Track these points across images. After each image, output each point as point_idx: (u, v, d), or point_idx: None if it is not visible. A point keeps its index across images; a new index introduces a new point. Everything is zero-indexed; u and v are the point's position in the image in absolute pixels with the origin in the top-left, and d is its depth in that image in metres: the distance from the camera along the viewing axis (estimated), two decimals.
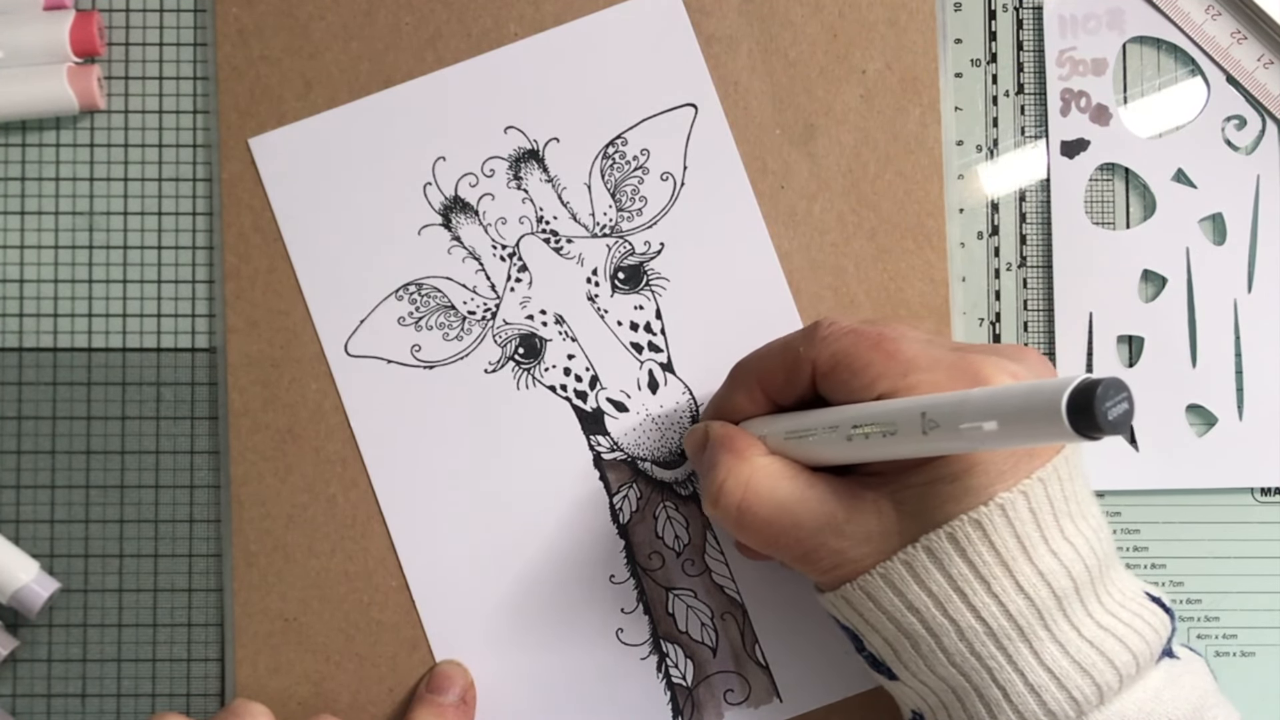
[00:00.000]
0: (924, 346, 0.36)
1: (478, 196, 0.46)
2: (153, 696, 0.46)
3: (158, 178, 0.46)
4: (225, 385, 0.45)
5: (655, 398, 0.45)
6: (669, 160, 0.46)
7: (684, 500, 0.46)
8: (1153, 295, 0.46)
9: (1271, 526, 0.46)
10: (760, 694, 0.45)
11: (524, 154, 0.46)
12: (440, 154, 0.46)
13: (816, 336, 0.38)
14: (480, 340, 0.46)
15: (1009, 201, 0.47)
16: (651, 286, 0.46)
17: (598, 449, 0.46)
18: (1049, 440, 0.30)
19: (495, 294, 0.46)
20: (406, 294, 0.46)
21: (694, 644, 0.45)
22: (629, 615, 0.45)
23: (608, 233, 0.46)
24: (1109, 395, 0.28)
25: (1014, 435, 0.30)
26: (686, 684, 0.45)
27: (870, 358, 0.36)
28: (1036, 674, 0.35)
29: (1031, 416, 0.29)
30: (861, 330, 0.37)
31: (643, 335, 0.46)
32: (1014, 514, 0.34)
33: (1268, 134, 0.46)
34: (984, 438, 0.30)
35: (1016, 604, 0.35)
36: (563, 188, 0.46)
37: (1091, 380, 0.28)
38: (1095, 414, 0.28)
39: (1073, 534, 0.35)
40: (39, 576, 0.44)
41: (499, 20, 0.46)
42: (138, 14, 0.47)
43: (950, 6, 0.47)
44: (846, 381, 0.37)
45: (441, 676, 0.44)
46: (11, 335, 0.46)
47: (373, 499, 0.45)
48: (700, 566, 0.45)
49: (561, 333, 0.46)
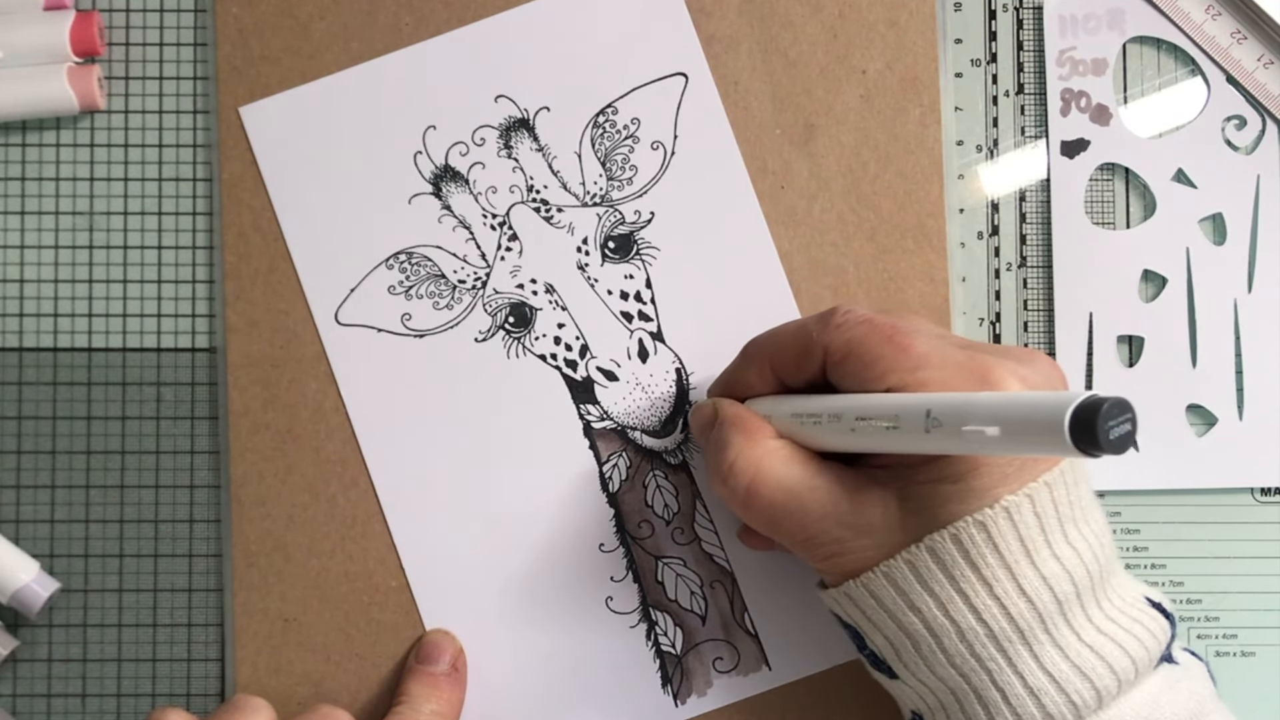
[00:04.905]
0: (937, 343, 0.36)
1: (468, 165, 0.46)
2: (153, 696, 0.46)
3: (158, 178, 0.46)
4: (225, 385, 0.45)
5: (645, 367, 0.46)
6: (659, 129, 0.46)
7: (674, 469, 0.46)
8: (1153, 295, 0.46)
9: (1271, 526, 0.46)
10: (749, 662, 0.45)
11: (514, 123, 0.46)
12: (430, 123, 0.46)
13: (831, 323, 0.38)
14: (470, 309, 0.46)
15: (1009, 201, 0.47)
16: (642, 255, 0.46)
17: (588, 418, 0.46)
18: (1048, 453, 0.30)
19: (485, 263, 0.46)
20: (397, 263, 0.46)
21: (683, 612, 0.45)
22: (618, 584, 0.45)
23: (598, 202, 0.46)
24: (1113, 415, 0.28)
25: (1014, 444, 0.30)
26: (676, 652, 0.45)
27: (882, 350, 0.36)
28: (1036, 677, 0.35)
29: (1034, 427, 0.29)
30: (876, 321, 0.37)
31: (633, 304, 0.46)
32: (1019, 517, 0.34)
33: (1268, 134, 0.46)
34: (984, 443, 0.30)
35: (1018, 607, 0.35)
36: (553, 157, 0.46)
37: (1097, 399, 0.28)
38: (1097, 433, 0.28)
39: (1075, 539, 0.35)
40: (39, 576, 0.44)
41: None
42: (138, 14, 0.47)
43: (950, 6, 0.47)
44: (857, 372, 0.37)
45: (431, 646, 0.44)
46: (11, 335, 0.46)
47: (373, 499, 0.45)
48: (690, 535, 0.45)
49: (552, 302, 0.46)
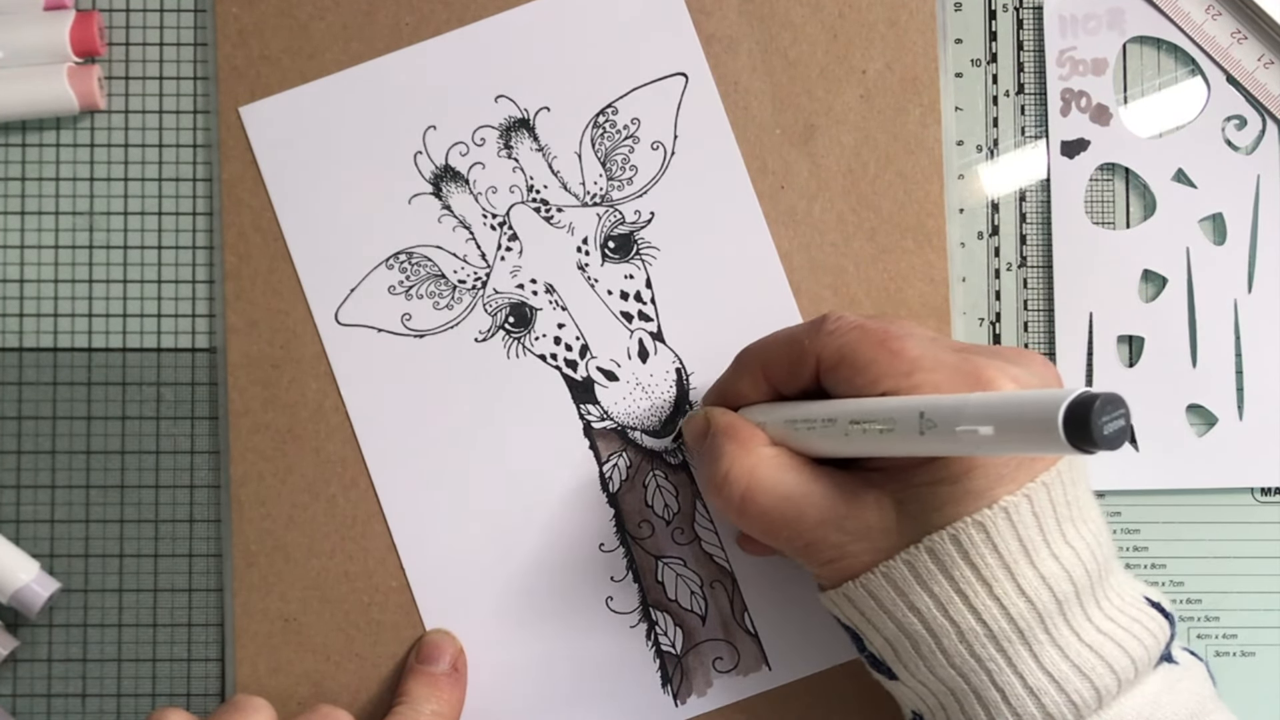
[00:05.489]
0: (929, 346, 0.36)
1: (468, 165, 0.46)
2: (153, 696, 0.46)
3: (158, 178, 0.46)
4: (225, 385, 0.45)
5: (645, 367, 0.46)
6: (659, 129, 0.46)
7: (674, 469, 0.46)
8: (1153, 295, 0.46)
9: (1271, 526, 0.46)
10: (749, 662, 0.45)
11: (514, 123, 0.46)
12: (431, 123, 0.46)
13: (823, 330, 0.38)
14: (470, 309, 0.46)
15: (1009, 201, 0.47)
16: (642, 255, 0.46)
17: (588, 418, 0.46)
18: (1043, 451, 0.30)
19: (486, 263, 0.46)
20: (397, 263, 0.46)
21: (683, 612, 0.45)
22: (619, 583, 0.45)
23: (598, 202, 0.46)
24: (1106, 410, 0.28)
25: (1009, 443, 0.30)
26: (676, 652, 0.45)
27: (874, 355, 0.36)
28: (1035, 677, 0.35)
29: (1027, 425, 0.29)
30: (867, 326, 0.37)
31: (633, 304, 0.46)
32: (1017, 518, 0.34)
33: (1268, 134, 0.46)
34: (979, 442, 0.30)
35: (1018, 607, 0.35)
36: (553, 156, 0.46)
37: (1089, 394, 0.28)
38: (1091, 429, 0.28)
39: (1074, 538, 0.35)
40: (39, 576, 0.44)
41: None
42: (138, 14, 0.47)
43: (950, 6, 0.47)
44: (850, 378, 0.37)
45: (431, 646, 0.44)
46: (11, 335, 0.46)
47: (373, 499, 0.45)
48: (690, 535, 0.45)
49: (552, 302, 0.46)
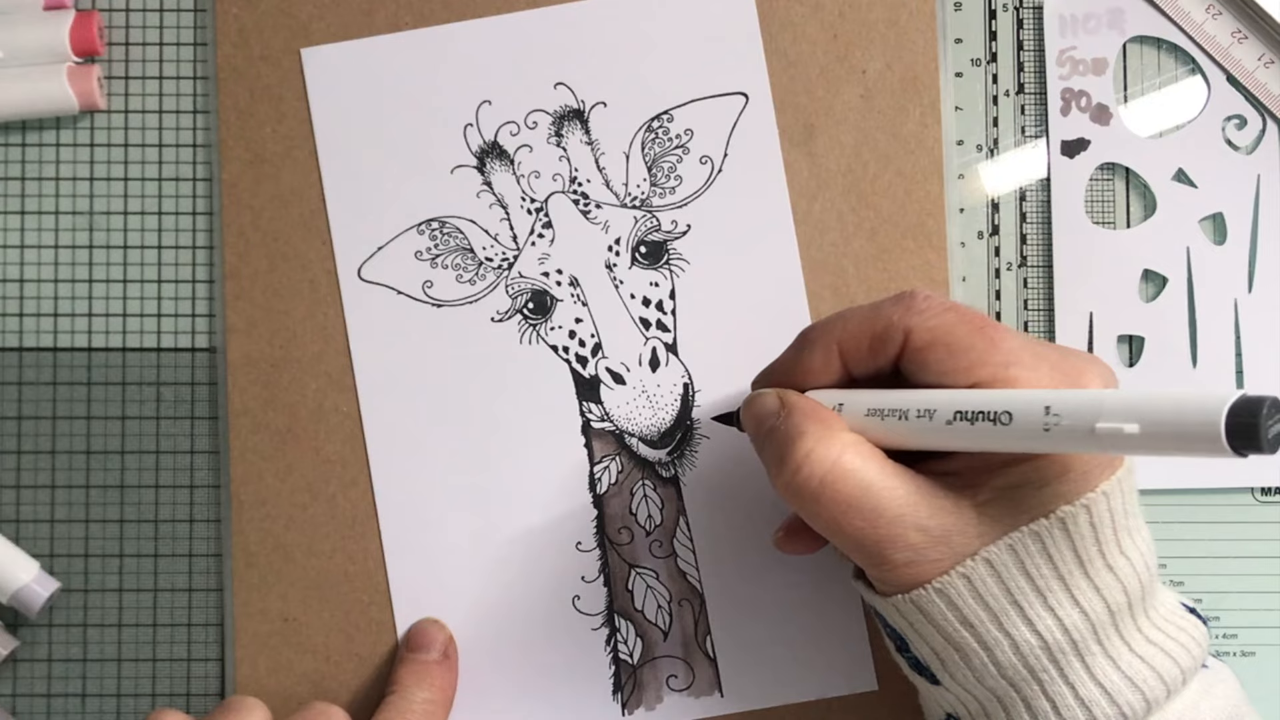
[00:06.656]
0: (1025, 341, 0.35)
1: (516, 146, 0.46)
2: (153, 696, 0.46)
3: (158, 178, 0.46)
4: (225, 385, 0.45)
5: (654, 375, 0.45)
6: (711, 144, 0.46)
7: (664, 482, 0.46)
8: (1153, 295, 0.46)
9: (1271, 526, 0.46)
10: (702, 685, 0.45)
11: (569, 112, 0.46)
12: (486, 97, 0.46)
13: (914, 307, 0.35)
14: (492, 288, 0.46)
15: (1009, 201, 0.47)
16: (671, 265, 0.46)
17: (588, 416, 0.46)
18: (1190, 453, 0.28)
19: (515, 245, 0.46)
20: (428, 229, 0.46)
21: (647, 624, 0.45)
22: (589, 584, 0.45)
23: (637, 205, 0.46)
24: (1273, 414, 0.26)
25: (1154, 442, 0.28)
26: (632, 662, 0.45)
27: (973, 341, 0.34)
28: (1088, 688, 0.34)
29: (1185, 425, 0.27)
30: (963, 310, 0.35)
31: (653, 312, 0.46)
32: (1074, 528, 0.33)
33: (1268, 134, 0.46)
34: (1118, 441, 0.29)
35: (1072, 618, 0.34)
36: (601, 152, 0.46)
37: (1255, 398, 0.26)
38: (1259, 431, 0.26)
39: (1129, 548, 0.35)
40: (39, 576, 0.44)
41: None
42: (138, 14, 0.47)
43: (950, 6, 0.47)
44: (941, 360, 0.35)
45: (421, 634, 0.44)
46: (11, 335, 0.46)
47: (373, 499, 0.45)
48: (667, 549, 0.45)
49: (574, 295, 0.46)
